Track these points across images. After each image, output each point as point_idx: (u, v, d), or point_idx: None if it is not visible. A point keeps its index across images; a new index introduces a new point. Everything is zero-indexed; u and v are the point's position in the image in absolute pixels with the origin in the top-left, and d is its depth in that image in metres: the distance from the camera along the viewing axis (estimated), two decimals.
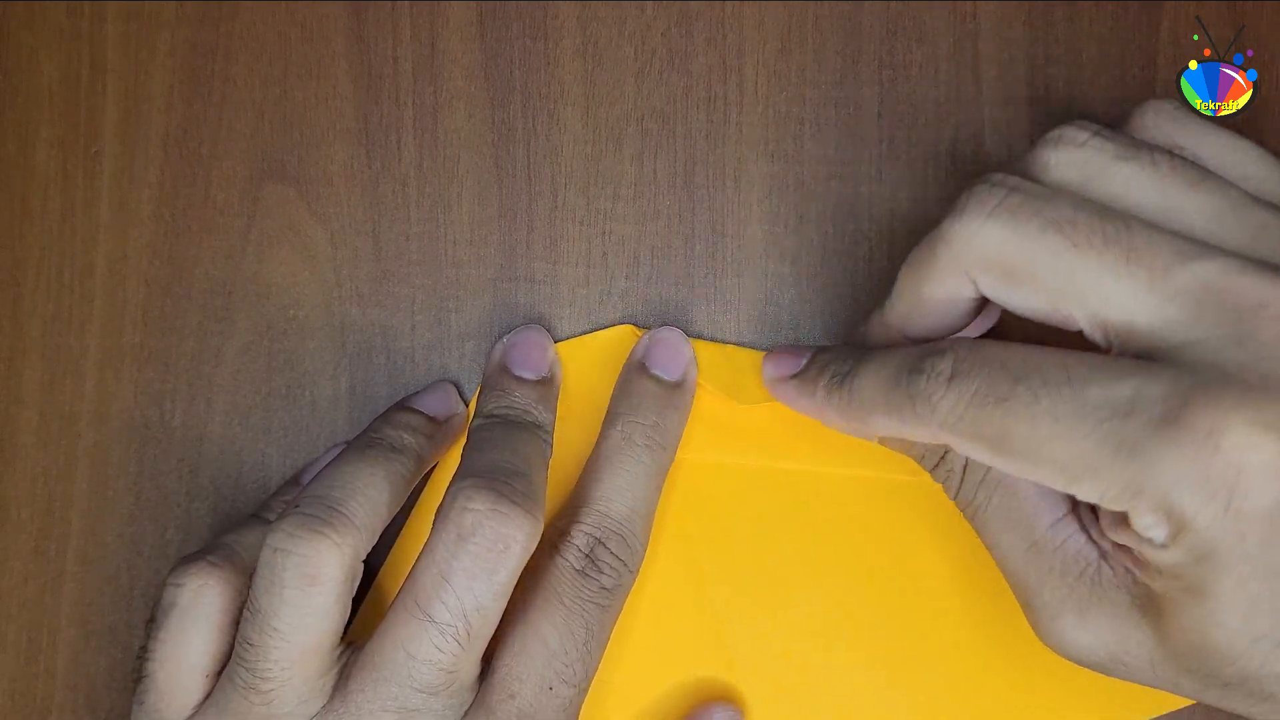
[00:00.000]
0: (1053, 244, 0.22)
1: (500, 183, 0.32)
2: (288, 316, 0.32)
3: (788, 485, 0.30)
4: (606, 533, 0.27)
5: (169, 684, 0.26)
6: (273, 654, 0.25)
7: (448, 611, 0.24)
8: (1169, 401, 0.20)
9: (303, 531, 0.25)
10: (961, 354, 0.23)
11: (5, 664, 0.31)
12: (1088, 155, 0.23)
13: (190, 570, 0.26)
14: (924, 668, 0.30)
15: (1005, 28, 0.31)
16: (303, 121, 0.32)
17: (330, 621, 0.25)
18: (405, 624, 0.25)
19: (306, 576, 0.25)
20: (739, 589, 0.30)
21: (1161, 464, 0.20)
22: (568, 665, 0.26)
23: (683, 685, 0.30)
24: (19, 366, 0.32)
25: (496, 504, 0.24)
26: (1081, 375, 0.21)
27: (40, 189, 0.32)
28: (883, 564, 0.30)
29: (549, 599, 0.26)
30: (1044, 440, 0.22)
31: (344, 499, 0.26)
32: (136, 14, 0.32)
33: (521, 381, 0.29)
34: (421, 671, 0.24)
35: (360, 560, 0.26)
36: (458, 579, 0.24)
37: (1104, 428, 0.21)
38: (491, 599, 0.24)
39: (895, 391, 0.24)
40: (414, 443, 0.28)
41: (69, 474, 0.32)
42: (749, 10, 0.32)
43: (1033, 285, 0.23)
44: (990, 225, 0.23)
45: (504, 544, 0.24)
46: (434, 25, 0.32)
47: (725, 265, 0.31)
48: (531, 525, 0.25)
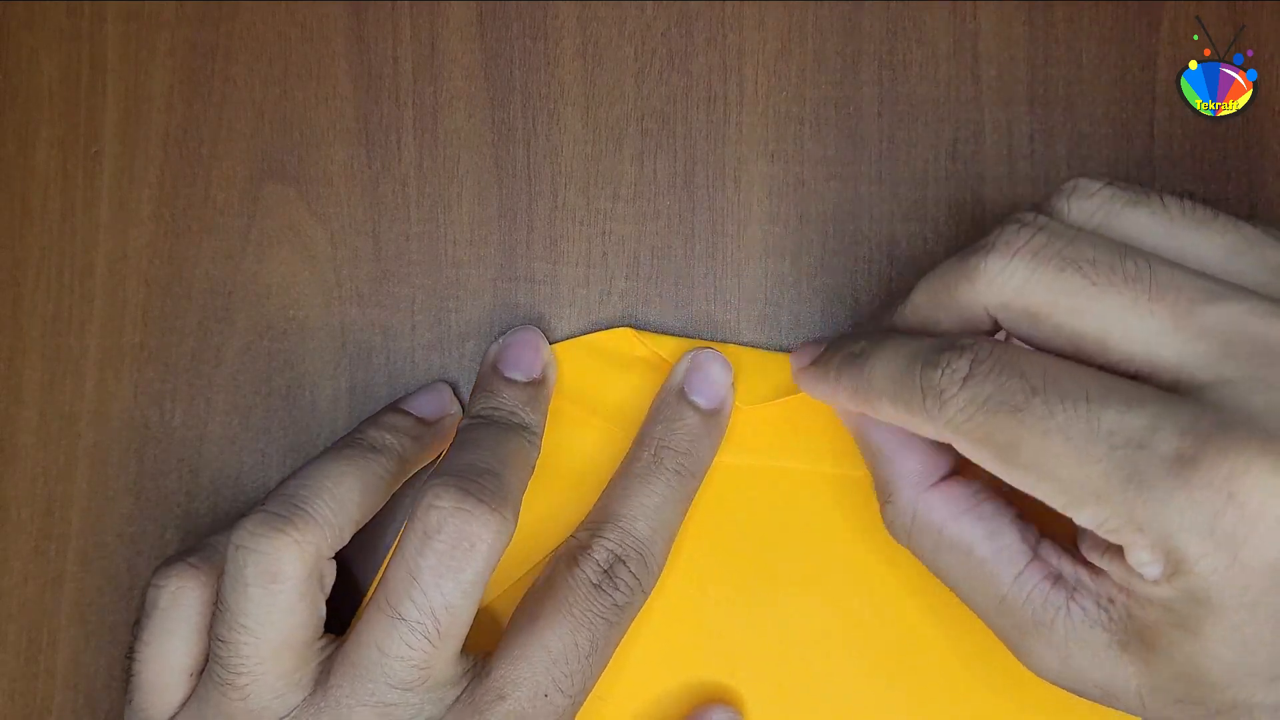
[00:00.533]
0: (1072, 284, 0.22)
1: (500, 183, 0.32)
2: (288, 316, 0.32)
3: (788, 485, 0.30)
4: (628, 551, 0.27)
5: (153, 684, 0.27)
6: (243, 649, 0.25)
7: (416, 609, 0.24)
8: (1187, 438, 0.20)
9: (263, 529, 0.25)
10: (981, 355, 0.22)
11: (5, 664, 0.31)
12: (1099, 203, 0.24)
13: (169, 572, 0.27)
14: (923, 669, 0.30)
15: (1005, 28, 0.31)
16: (303, 121, 0.32)
17: (298, 617, 0.25)
18: (378, 622, 0.25)
19: (268, 574, 0.25)
20: (738, 589, 0.30)
21: (1171, 504, 0.20)
22: (567, 676, 0.26)
23: (682, 686, 0.30)
24: (19, 366, 0.32)
25: (461, 502, 0.25)
26: (1100, 396, 0.21)
27: (40, 189, 0.32)
28: (882, 566, 0.30)
29: (559, 608, 0.26)
30: (1054, 458, 0.21)
31: (309, 497, 0.26)
32: (136, 14, 0.32)
33: (511, 383, 0.29)
34: (394, 668, 0.25)
35: (326, 557, 0.26)
36: (425, 577, 0.24)
37: (1116, 455, 0.20)
38: (460, 597, 0.25)
39: (907, 380, 0.23)
40: (396, 443, 0.29)
41: (69, 474, 0.32)
42: (749, 10, 0.32)
43: (1053, 324, 0.23)
44: (1014, 267, 0.23)
45: (469, 542, 0.24)
46: (434, 25, 0.32)
47: (725, 265, 0.31)
48: (498, 523, 0.25)
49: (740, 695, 0.30)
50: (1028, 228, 0.23)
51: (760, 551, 0.30)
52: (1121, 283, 0.22)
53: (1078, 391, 0.21)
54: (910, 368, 0.23)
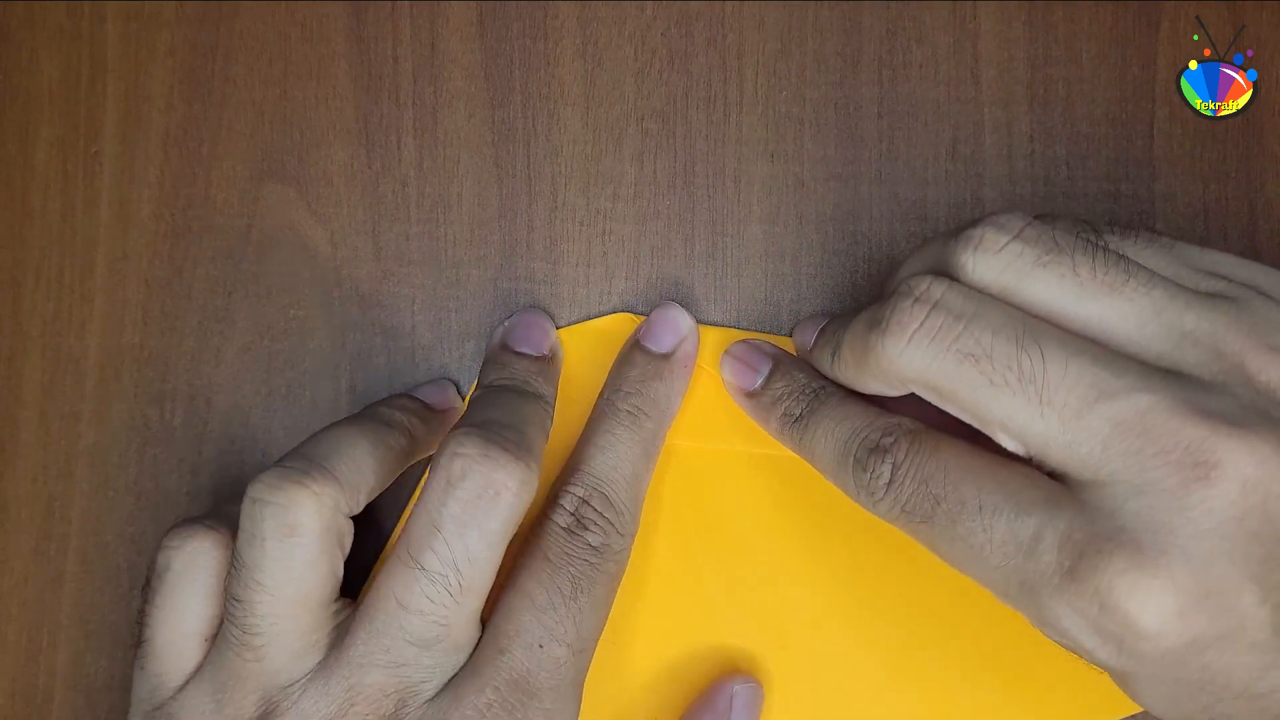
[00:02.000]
0: (970, 378, 0.23)
1: (500, 183, 0.32)
2: (288, 316, 0.32)
3: (786, 471, 0.30)
4: (590, 491, 0.27)
5: (166, 648, 0.26)
6: (259, 608, 0.25)
7: (438, 560, 0.24)
8: (1065, 550, 0.21)
9: (281, 481, 0.25)
10: (899, 458, 0.24)
11: (5, 664, 0.31)
12: (1006, 261, 0.23)
13: (184, 533, 0.26)
14: (924, 650, 0.30)
15: (1005, 28, 0.31)
16: (303, 121, 0.32)
17: (316, 574, 0.25)
18: (398, 574, 0.25)
19: (285, 526, 0.25)
20: (735, 577, 0.30)
21: (1058, 610, 0.22)
22: (557, 622, 0.25)
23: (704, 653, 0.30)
24: (19, 366, 0.32)
25: (486, 450, 0.24)
26: (993, 505, 0.22)
27: (40, 189, 0.32)
28: (883, 548, 0.30)
29: (534, 556, 0.26)
30: (962, 561, 0.23)
31: (327, 454, 0.26)
32: (136, 14, 0.32)
33: (521, 356, 0.29)
34: (413, 623, 0.24)
35: (344, 515, 0.26)
36: (448, 527, 0.24)
37: (1011, 563, 0.22)
38: (484, 548, 0.24)
39: (842, 471, 0.26)
40: (406, 420, 0.29)
41: (69, 474, 0.32)
42: (749, 10, 0.32)
43: (956, 406, 0.23)
44: (911, 351, 0.23)
45: (494, 490, 0.24)
46: (434, 25, 0.32)
47: (725, 265, 0.31)
48: (523, 472, 0.25)
49: (766, 668, 0.30)
50: (920, 304, 0.23)
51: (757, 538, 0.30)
52: (1016, 383, 0.22)
53: (973, 501, 0.23)
54: (844, 460, 0.25)
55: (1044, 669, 0.29)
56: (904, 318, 0.23)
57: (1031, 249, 0.23)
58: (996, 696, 0.29)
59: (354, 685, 0.24)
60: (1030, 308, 0.23)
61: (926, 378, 0.23)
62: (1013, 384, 0.22)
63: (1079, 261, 0.23)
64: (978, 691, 0.29)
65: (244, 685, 0.25)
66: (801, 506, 0.30)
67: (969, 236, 0.24)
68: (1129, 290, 0.23)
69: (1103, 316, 0.23)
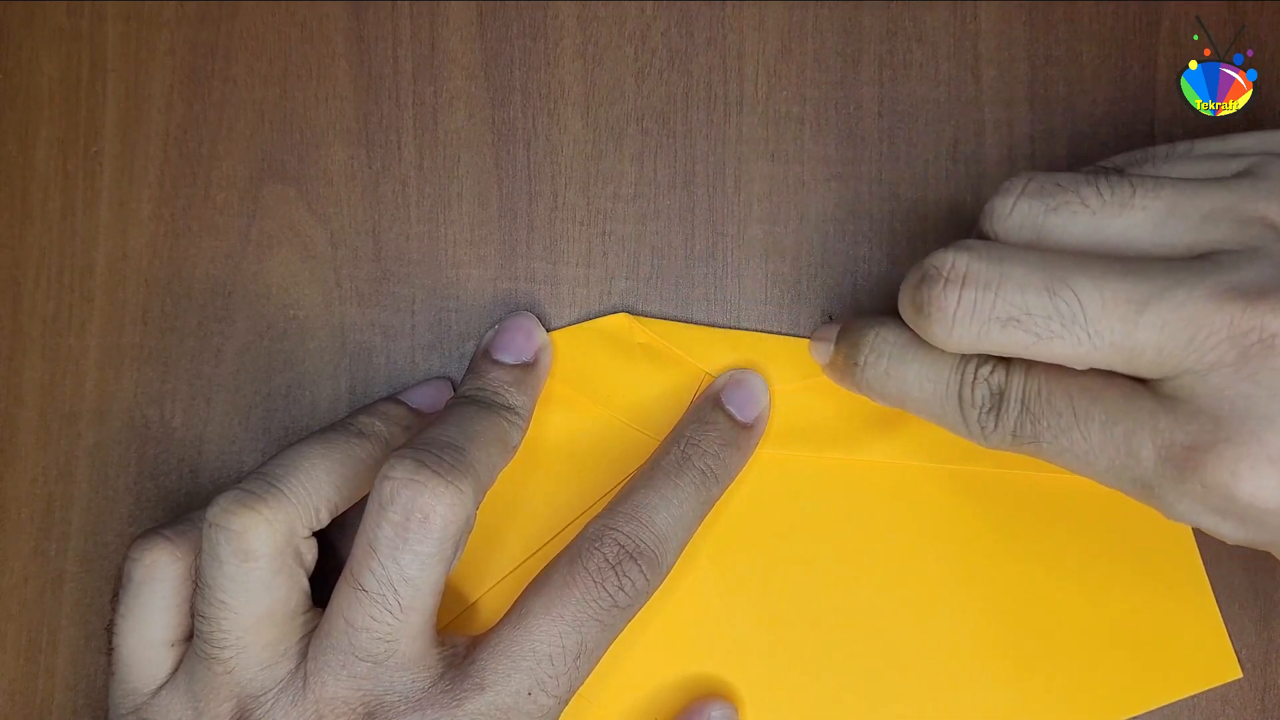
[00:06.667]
0: (1020, 339, 0.24)
1: (500, 183, 0.32)
2: (288, 316, 0.32)
3: (787, 473, 0.30)
4: (640, 546, 0.26)
5: (133, 657, 0.27)
6: (224, 624, 0.25)
7: (375, 581, 0.25)
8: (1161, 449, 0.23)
9: (235, 507, 0.25)
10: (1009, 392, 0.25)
11: (5, 664, 0.31)
12: (1019, 221, 0.25)
13: (143, 545, 0.27)
14: (923, 664, 0.30)
15: (1005, 28, 0.31)
16: (303, 121, 0.32)
17: (275, 592, 0.26)
18: (343, 593, 0.25)
19: (241, 552, 0.25)
20: (735, 584, 0.30)
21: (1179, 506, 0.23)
22: (553, 677, 0.25)
23: (679, 680, 0.30)
24: (19, 366, 0.32)
25: (415, 473, 0.24)
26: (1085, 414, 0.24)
27: (40, 189, 0.32)
28: (878, 558, 0.30)
29: (551, 606, 0.25)
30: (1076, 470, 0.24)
31: (283, 475, 0.26)
32: (136, 14, 0.32)
33: (498, 364, 0.29)
34: (360, 640, 0.25)
35: (301, 536, 0.26)
36: (381, 549, 0.25)
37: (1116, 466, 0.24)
38: (418, 570, 0.25)
39: (947, 408, 0.26)
40: (384, 430, 0.29)
41: (69, 474, 0.32)
42: (749, 10, 0.32)
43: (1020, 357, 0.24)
44: (959, 332, 0.24)
45: (422, 514, 0.24)
46: (434, 25, 0.32)
47: (725, 265, 0.31)
48: (452, 496, 0.24)
49: (737, 691, 0.30)
50: (951, 284, 0.24)
51: (757, 544, 0.30)
52: (1060, 328, 0.23)
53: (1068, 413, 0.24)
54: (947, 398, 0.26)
55: (1044, 669, 0.29)
56: (941, 302, 0.24)
57: (1038, 201, 0.24)
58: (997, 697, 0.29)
59: (320, 698, 0.25)
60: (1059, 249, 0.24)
61: (982, 347, 0.24)
62: (1058, 330, 0.23)
63: (1085, 194, 0.24)
64: (978, 693, 0.29)
65: (218, 693, 0.26)
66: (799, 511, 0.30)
67: (983, 213, 0.25)
68: (1139, 200, 0.24)
69: (1123, 233, 0.24)
